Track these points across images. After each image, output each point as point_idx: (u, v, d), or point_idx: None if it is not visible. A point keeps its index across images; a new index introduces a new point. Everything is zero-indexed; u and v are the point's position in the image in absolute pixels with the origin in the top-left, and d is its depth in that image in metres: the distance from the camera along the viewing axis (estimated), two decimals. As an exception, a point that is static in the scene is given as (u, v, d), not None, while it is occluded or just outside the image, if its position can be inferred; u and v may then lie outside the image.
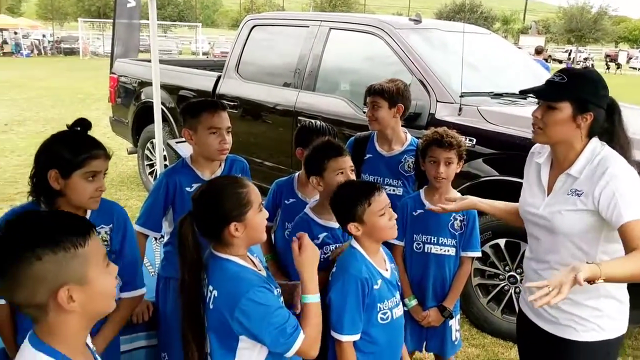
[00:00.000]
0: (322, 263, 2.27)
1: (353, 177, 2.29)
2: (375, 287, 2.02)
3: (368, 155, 3.05)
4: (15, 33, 37.59)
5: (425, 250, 2.63)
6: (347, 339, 1.98)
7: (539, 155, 2.11)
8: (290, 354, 1.69)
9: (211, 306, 1.74)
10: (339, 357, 2.00)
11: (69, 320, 1.20)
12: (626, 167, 1.86)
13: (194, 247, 1.78)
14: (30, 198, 1.98)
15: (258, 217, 1.80)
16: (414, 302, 2.66)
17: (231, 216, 1.74)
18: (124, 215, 2.18)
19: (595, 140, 1.93)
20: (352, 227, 2.04)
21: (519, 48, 9.13)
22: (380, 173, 2.97)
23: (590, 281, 1.61)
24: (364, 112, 4.20)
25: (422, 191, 2.70)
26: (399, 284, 2.22)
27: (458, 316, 2.74)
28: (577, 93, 1.87)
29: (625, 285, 1.99)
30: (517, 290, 3.72)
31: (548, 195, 2.00)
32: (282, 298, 1.85)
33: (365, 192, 2.04)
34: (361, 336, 2.01)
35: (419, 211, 2.63)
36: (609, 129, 1.93)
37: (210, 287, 1.75)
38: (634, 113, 4.35)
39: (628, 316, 2.03)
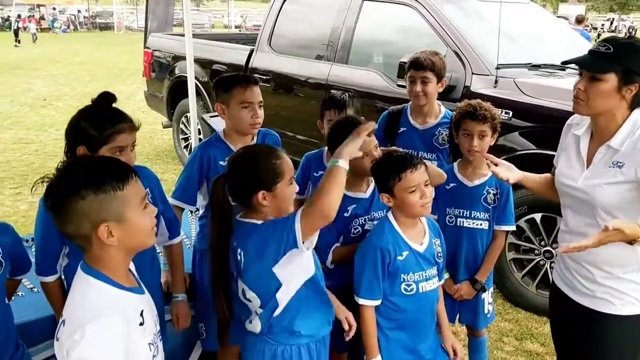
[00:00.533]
0: (353, 238, 2.31)
1: (376, 153, 2.25)
2: (400, 258, 2.05)
3: (402, 129, 3.00)
4: (54, 9, 38.13)
5: (458, 224, 2.61)
6: (364, 302, 2.05)
7: (577, 126, 2.05)
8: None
9: (242, 266, 1.81)
10: (360, 318, 2.08)
11: (110, 251, 1.39)
12: None
13: (223, 206, 1.84)
14: None
15: (287, 190, 1.84)
16: (446, 276, 2.64)
17: (261, 185, 1.79)
18: (154, 178, 2.24)
19: (637, 112, 1.87)
20: (384, 197, 2.11)
21: (558, 17, 8.85)
22: (414, 146, 2.92)
23: (631, 242, 1.64)
24: (399, 85, 4.18)
25: (455, 164, 2.66)
26: (438, 260, 2.20)
27: (491, 289, 2.73)
28: (624, 63, 1.79)
29: None
30: (553, 265, 3.67)
31: (587, 167, 1.95)
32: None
33: (399, 166, 2.05)
34: (384, 302, 2.08)
35: (451, 184, 2.60)
36: None
37: (239, 250, 1.81)
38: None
39: None
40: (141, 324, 1.43)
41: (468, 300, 2.65)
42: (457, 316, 2.73)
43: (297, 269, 1.83)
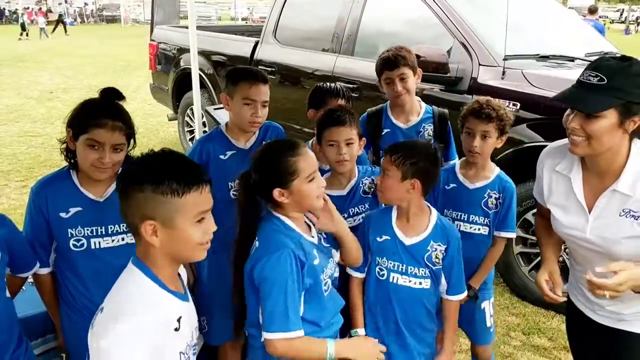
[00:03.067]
0: (334, 239, 2.23)
1: (352, 151, 2.19)
2: (379, 239, 2.08)
3: (385, 130, 2.83)
4: (61, 3, 38.18)
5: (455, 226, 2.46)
6: (351, 272, 2.11)
7: (561, 164, 1.83)
8: (268, 336, 1.68)
9: (252, 255, 1.79)
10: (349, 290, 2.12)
11: (154, 249, 1.38)
12: None
13: (248, 200, 1.83)
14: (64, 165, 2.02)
15: (306, 186, 1.79)
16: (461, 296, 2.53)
17: (276, 182, 1.76)
18: None
19: (638, 144, 1.67)
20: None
21: (568, 8, 8.74)
22: None
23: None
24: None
25: (457, 163, 2.54)
26: (432, 265, 2.11)
27: (492, 299, 2.58)
28: (623, 96, 1.57)
29: None
30: (560, 259, 3.62)
31: (590, 213, 1.73)
32: (327, 271, 1.85)
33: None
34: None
35: (451, 185, 2.48)
36: None
37: (257, 238, 1.80)
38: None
39: None
40: (176, 329, 1.41)
41: (466, 308, 2.45)
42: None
43: None
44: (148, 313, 1.32)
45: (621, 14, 49.09)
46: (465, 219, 2.46)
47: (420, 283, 2.07)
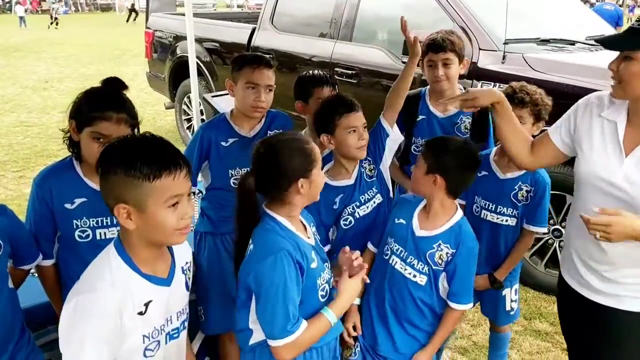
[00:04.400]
0: (345, 230, 2.22)
1: (366, 135, 2.17)
2: (397, 220, 2.06)
3: (421, 117, 2.71)
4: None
5: (482, 215, 2.44)
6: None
7: (609, 109, 1.81)
8: (273, 344, 1.62)
9: (247, 258, 1.72)
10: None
11: (131, 233, 1.39)
12: None
13: (254, 208, 1.74)
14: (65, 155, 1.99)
15: (321, 175, 1.76)
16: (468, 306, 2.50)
17: (299, 171, 1.69)
18: None
19: None
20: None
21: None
22: (434, 135, 2.61)
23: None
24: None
25: (493, 151, 2.46)
26: (434, 265, 2.06)
27: (516, 286, 2.55)
28: None
29: None
30: (562, 244, 3.62)
31: (626, 157, 1.72)
32: (324, 275, 1.78)
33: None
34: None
35: (483, 172, 2.40)
36: None
37: (251, 241, 1.73)
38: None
39: None
40: (141, 313, 1.39)
41: (489, 293, 2.50)
42: (478, 303, 2.64)
43: None
44: (107, 290, 1.34)
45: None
46: (493, 209, 2.42)
47: (415, 276, 2.01)
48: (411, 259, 2.01)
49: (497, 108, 1.99)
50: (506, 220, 2.41)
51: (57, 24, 26.42)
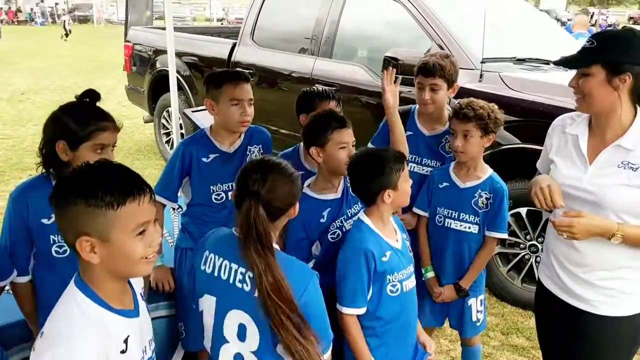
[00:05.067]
0: (332, 244, 2.20)
1: (354, 151, 2.20)
2: (384, 259, 1.96)
3: (408, 133, 2.75)
4: (37, 4, 37.49)
5: (446, 224, 2.55)
6: (348, 310, 1.93)
7: (571, 126, 1.98)
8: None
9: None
10: (343, 331, 1.95)
11: (94, 267, 1.29)
12: None
13: (268, 236, 1.62)
14: (42, 170, 1.97)
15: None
16: (430, 274, 2.61)
17: (297, 198, 1.73)
18: None
19: None
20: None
21: (541, 10, 8.85)
22: (419, 152, 2.78)
23: (609, 237, 1.76)
24: (381, 79, 4.13)
25: (452, 164, 2.59)
26: (411, 254, 2.15)
27: (482, 296, 2.63)
28: (607, 54, 1.76)
29: None
30: (538, 259, 3.68)
31: (590, 165, 1.88)
32: None
33: (399, 158, 2.02)
34: (368, 311, 1.95)
35: (444, 184, 2.56)
36: None
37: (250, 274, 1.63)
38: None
39: None
40: (123, 351, 1.33)
41: (455, 305, 2.60)
42: (447, 319, 2.70)
43: None
44: (86, 337, 1.24)
45: (591, 17, 50.05)
46: (456, 217, 2.53)
47: (469, 227, 2.50)
48: (409, 268, 2.07)
49: None
50: (469, 228, 2.52)
51: (67, 35, 26.05)
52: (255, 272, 1.57)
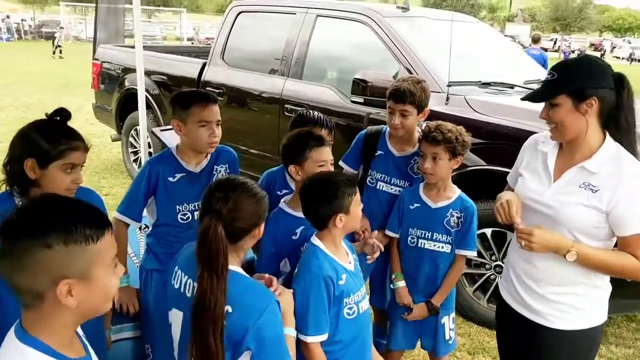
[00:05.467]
0: None
1: (332, 169, 2.24)
2: (341, 282, 1.95)
3: (379, 152, 2.87)
4: (3, 20, 36.82)
5: (419, 245, 2.58)
6: (313, 339, 1.91)
7: (543, 144, 2.06)
8: None
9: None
10: (309, 357, 1.93)
11: (63, 314, 1.16)
12: None
13: (225, 256, 1.61)
14: (4, 187, 1.93)
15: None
16: (400, 283, 2.61)
17: (263, 217, 1.74)
18: (101, 202, 2.16)
19: (611, 141, 1.89)
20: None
21: (506, 36, 9.10)
22: (388, 172, 2.83)
23: (564, 253, 1.83)
24: (352, 102, 4.20)
25: (421, 185, 2.64)
26: (362, 274, 2.16)
27: (453, 314, 2.68)
28: (569, 83, 1.85)
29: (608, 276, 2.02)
30: (492, 276, 3.73)
31: (554, 182, 1.97)
32: None
33: (351, 182, 2.02)
34: (327, 336, 1.94)
35: (415, 205, 2.60)
36: (614, 107, 1.86)
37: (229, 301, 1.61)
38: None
39: (608, 305, 2.05)
40: None
41: (428, 324, 2.63)
42: (419, 341, 2.72)
43: None
44: None
45: (555, 43, 51.65)
46: (429, 237, 2.57)
47: (442, 247, 2.54)
48: (363, 289, 2.07)
49: None
50: (442, 247, 2.57)
51: (60, 52, 25.56)
52: (199, 289, 1.57)
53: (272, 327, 1.60)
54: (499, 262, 3.75)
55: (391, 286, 2.66)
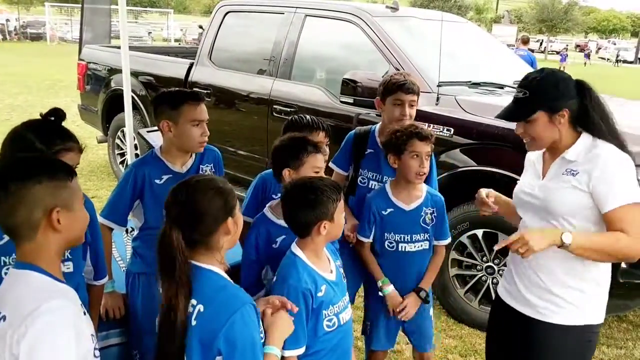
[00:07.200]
0: None
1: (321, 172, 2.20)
2: (319, 294, 1.88)
3: (369, 150, 2.87)
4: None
5: (399, 249, 2.54)
6: (290, 353, 1.82)
7: (533, 154, 2.18)
8: None
9: (194, 322, 1.56)
10: None
11: (53, 241, 1.43)
12: (618, 154, 1.93)
13: (185, 264, 1.59)
14: None
15: (241, 216, 1.72)
16: (390, 288, 2.56)
17: (225, 214, 1.65)
18: (91, 206, 2.09)
19: (587, 136, 2.00)
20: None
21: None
22: (379, 169, 2.81)
23: (561, 241, 1.82)
24: (342, 102, 4.16)
25: (388, 189, 2.59)
26: (345, 281, 2.09)
27: (432, 307, 2.74)
28: (544, 102, 1.95)
29: (608, 271, 2.04)
30: (495, 281, 3.71)
31: (543, 178, 2.08)
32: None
33: (336, 188, 1.95)
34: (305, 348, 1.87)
35: (389, 210, 2.55)
36: (583, 111, 1.98)
37: (193, 301, 1.58)
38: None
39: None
40: (85, 313, 1.45)
41: (415, 321, 2.62)
42: (405, 336, 2.71)
43: None
44: (60, 299, 1.36)
45: (540, 44, 52.04)
46: (409, 240, 2.55)
47: (422, 246, 2.55)
48: (344, 299, 2.01)
49: (500, 212, 2.30)
50: (422, 246, 2.58)
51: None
52: (163, 298, 1.58)
53: (245, 329, 1.53)
54: (490, 264, 3.73)
55: (380, 294, 2.59)
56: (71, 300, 1.41)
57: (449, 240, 2.68)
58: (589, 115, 1.97)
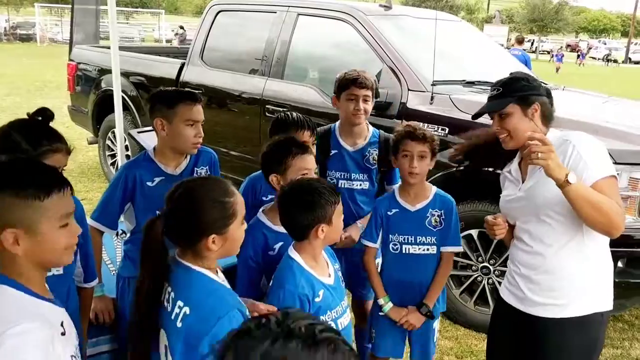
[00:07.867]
0: None
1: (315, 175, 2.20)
2: (317, 299, 1.84)
3: (333, 151, 2.87)
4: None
5: (403, 251, 2.49)
6: None
7: (508, 168, 2.24)
8: None
9: (179, 324, 1.52)
10: None
11: (16, 259, 1.32)
12: (587, 135, 2.04)
13: (162, 254, 1.59)
14: None
15: (240, 231, 1.64)
16: (388, 306, 2.51)
17: (212, 228, 1.56)
18: (79, 207, 2.04)
19: (554, 132, 2.11)
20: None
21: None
22: (346, 168, 2.82)
23: (559, 184, 1.84)
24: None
25: (396, 190, 2.57)
26: (344, 284, 2.06)
27: (438, 318, 2.62)
28: (516, 92, 2.07)
29: (609, 258, 2.09)
30: (490, 281, 3.68)
31: (523, 183, 2.13)
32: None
33: (334, 190, 1.92)
34: None
35: (394, 210, 2.51)
36: (552, 111, 2.12)
37: (180, 302, 1.54)
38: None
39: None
40: (63, 333, 1.35)
41: (420, 330, 2.52)
42: (407, 350, 2.63)
43: None
44: (31, 322, 1.26)
45: (532, 44, 52.23)
46: (413, 241, 2.49)
47: (428, 249, 2.47)
48: (343, 304, 1.97)
49: (505, 238, 2.25)
50: (428, 249, 2.50)
51: None
52: (137, 289, 1.61)
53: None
54: (485, 264, 3.70)
55: (380, 313, 2.54)
56: (46, 321, 1.30)
57: (459, 248, 2.55)
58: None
